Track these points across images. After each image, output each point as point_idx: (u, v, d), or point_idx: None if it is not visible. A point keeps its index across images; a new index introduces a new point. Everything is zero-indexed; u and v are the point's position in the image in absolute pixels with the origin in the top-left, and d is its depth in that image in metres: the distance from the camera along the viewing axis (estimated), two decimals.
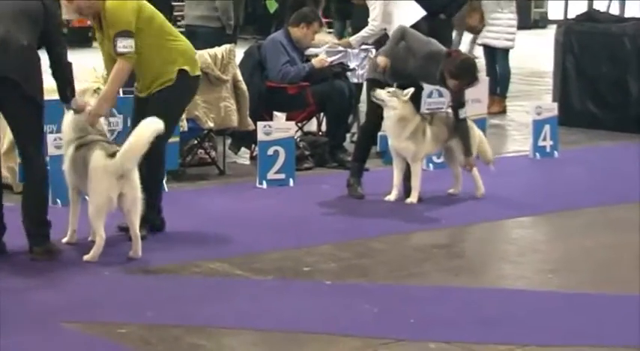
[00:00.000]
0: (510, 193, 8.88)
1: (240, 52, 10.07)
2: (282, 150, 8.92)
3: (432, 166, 9.60)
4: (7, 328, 5.43)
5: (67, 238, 6.91)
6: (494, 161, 8.79)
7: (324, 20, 10.76)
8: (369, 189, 8.66)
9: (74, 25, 19.67)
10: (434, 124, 8.48)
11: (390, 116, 8.37)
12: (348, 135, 10.75)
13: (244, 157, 10.23)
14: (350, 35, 12.38)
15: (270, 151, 8.90)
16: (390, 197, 8.48)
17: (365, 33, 10.65)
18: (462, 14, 13.05)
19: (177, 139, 8.57)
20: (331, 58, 10.44)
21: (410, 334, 5.49)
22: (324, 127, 10.44)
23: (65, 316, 5.63)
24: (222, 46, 9.38)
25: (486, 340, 5.43)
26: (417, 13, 10.63)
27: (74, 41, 6.87)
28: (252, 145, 9.88)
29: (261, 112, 9.78)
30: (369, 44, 10.85)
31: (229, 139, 10.02)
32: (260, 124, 9.01)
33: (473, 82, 8.40)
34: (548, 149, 10.57)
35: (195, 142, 9.50)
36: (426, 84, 8.93)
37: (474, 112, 10.11)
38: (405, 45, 8.41)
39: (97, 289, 6.16)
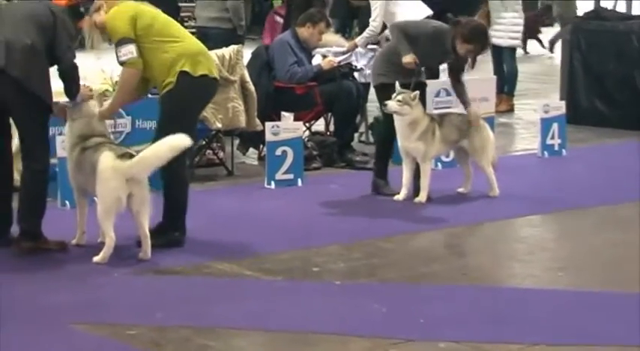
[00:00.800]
0: (519, 191, 8.87)
1: (248, 52, 10.08)
2: (290, 150, 8.92)
3: (440, 165, 9.59)
4: (17, 328, 5.44)
5: (76, 240, 6.92)
6: (497, 163, 8.76)
7: None
8: None
9: (81, 27, 19.67)
10: (443, 125, 8.49)
11: (402, 120, 8.38)
12: (355, 135, 10.76)
13: (252, 157, 10.24)
14: (357, 35, 12.40)
15: (279, 152, 8.91)
16: (399, 197, 8.48)
17: (367, 33, 10.74)
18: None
19: None
20: (338, 58, 10.45)
21: (419, 333, 5.48)
22: (332, 127, 10.45)
23: (74, 317, 5.63)
24: (229, 47, 9.39)
25: (496, 339, 5.42)
26: (421, 11, 10.63)
27: (83, 43, 6.90)
28: (261, 146, 9.89)
29: (269, 113, 9.78)
30: (375, 44, 10.86)
31: (237, 139, 10.04)
32: (268, 124, 9.02)
33: (485, 47, 8.49)
34: (556, 147, 10.56)
35: (204, 142, 9.51)
36: (432, 67, 8.91)
37: (482, 110, 10.11)
38: (408, 38, 8.42)
39: (106, 290, 6.17)
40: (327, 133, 10.47)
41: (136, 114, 8.35)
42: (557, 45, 14.65)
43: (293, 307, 5.88)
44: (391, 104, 8.36)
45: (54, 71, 6.76)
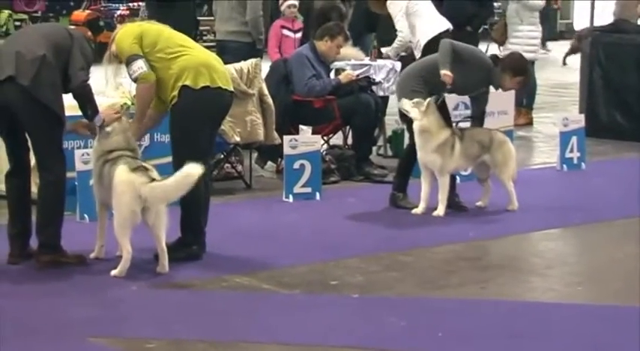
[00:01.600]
0: (538, 205, 8.84)
1: (266, 66, 10.09)
2: (308, 164, 8.92)
3: (459, 179, 9.57)
4: (35, 341, 5.45)
5: (94, 253, 6.94)
6: (515, 177, 8.74)
7: None
8: None
9: (100, 41, 19.82)
10: (464, 139, 8.47)
11: (415, 127, 8.38)
12: (374, 148, 10.75)
13: (270, 171, 10.24)
14: (374, 48, 12.39)
15: (297, 165, 8.91)
16: (417, 211, 8.47)
17: (397, 44, 10.83)
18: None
19: None
20: (357, 71, 10.45)
21: (438, 347, 5.47)
22: (350, 141, 10.44)
23: (92, 331, 5.63)
24: (248, 61, 9.40)
25: None
26: (440, 25, 10.62)
27: (100, 57, 6.94)
28: (279, 159, 9.89)
29: (288, 126, 9.79)
30: (393, 58, 10.88)
31: (256, 153, 10.05)
32: (286, 137, 9.02)
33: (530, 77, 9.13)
34: (575, 161, 10.53)
35: (222, 156, 9.52)
36: (462, 95, 8.95)
37: (500, 124, 10.10)
38: (452, 57, 8.44)
39: (124, 303, 6.17)
40: (346, 146, 10.46)
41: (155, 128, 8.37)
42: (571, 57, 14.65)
43: (311, 321, 5.88)
44: (405, 101, 8.39)
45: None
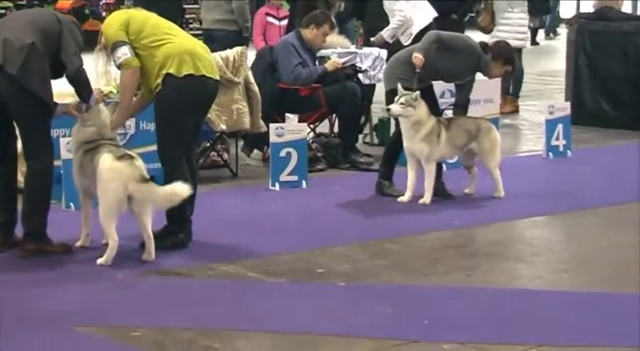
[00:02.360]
0: (524, 192, 8.86)
1: (252, 54, 10.06)
2: (294, 152, 8.92)
3: (445, 167, 9.57)
4: (21, 331, 5.43)
5: (80, 242, 6.93)
6: (500, 164, 8.75)
7: None
8: None
9: (86, 29, 19.75)
10: (451, 128, 8.48)
11: (406, 120, 8.38)
12: (360, 136, 10.74)
13: (257, 159, 10.23)
14: (361, 36, 12.39)
15: (283, 153, 8.90)
16: (404, 199, 8.47)
17: (395, 24, 10.43)
18: None
19: None
20: (342, 59, 10.44)
21: (424, 335, 5.47)
22: (336, 129, 10.44)
23: (78, 320, 5.63)
24: (233, 49, 9.39)
25: (501, 340, 5.40)
26: (429, 14, 10.61)
27: (86, 45, 6.91)
28: (265, 147, 9.88)
29: (274, 114, 9.78)
30: (379, 47, 10.84)
31: (242, 141, 10.04)
32: (272, 126, 9.01)
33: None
34: (561, 149, 10.54)
35: (208, 144, 9.51)
36: (449, 82, 8.96)
37: (486, 111, 10.11)
38: (438, 46, 8.44)
39: (110, 292, 6.16)
40: (332, 134, 10.46)
41: (140, 116, 8.32)
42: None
43: (297, 309, 5.88)
44: (394, 108, 8.35)
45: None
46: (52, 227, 6.80)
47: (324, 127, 10.64)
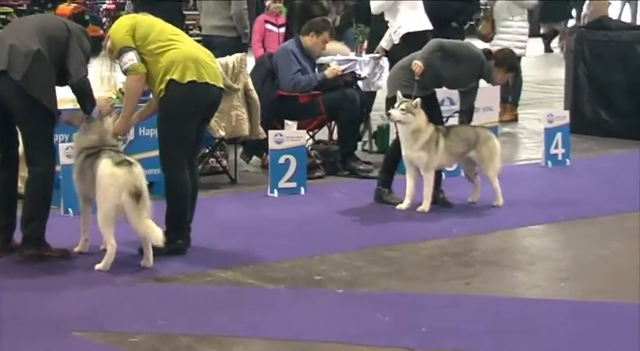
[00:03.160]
0: (522, 201, 8.86)
1: (251, 60, 10.07)
2: (293, 158, 8.92)
3: (444, 175, 9.57)
4: (19, 336, 5.43)
5: (78, 247, 6.93)
6: (500, 173, 8.76)
7: None
8: None
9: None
10: (449, 136, 8.49)
11: (405, 128, 8.38)
12: (359, 143, 10.75)
13: (256, 165, 10.23)
14: (361, 43, 12.39)
15: (282, 160, 8.91)
16: (402, 206, 8.47)
17: (390, 34, 10.58)
18: None
19: None
20: (342, 66, 10.44)
21: (421, 343, 5.47)
22: (335, 136, 10.44)
23: (77, 325, 5.63)
24: (233, 55, 9.40)
25: (498, 349, 5.41)
26: (425, 23, 10.58)
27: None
28: (264, 154, 9.89)
29: (273, 121, 9.78)
30: (380, 54, 10.86)
31: (241, 147, 10.04)
32: (271, 132, 9.02)
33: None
34: (560, 157, 10.55)
35: (207, 150, 9.51)
36: (453, 89, 8.97)
37: (485, 120, 10.12)
38: (442, 54, 8.47)
39: (108, 298, 6.16)
40: (331, 141, 10.46)
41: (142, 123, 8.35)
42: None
43: (295, 316, 5.88)
44: (395, 113, 8.36)
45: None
46: (50, 232, 6.81)
47: (323, 134, 10.64)
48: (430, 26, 10.56)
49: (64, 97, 7.08)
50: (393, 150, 8.84)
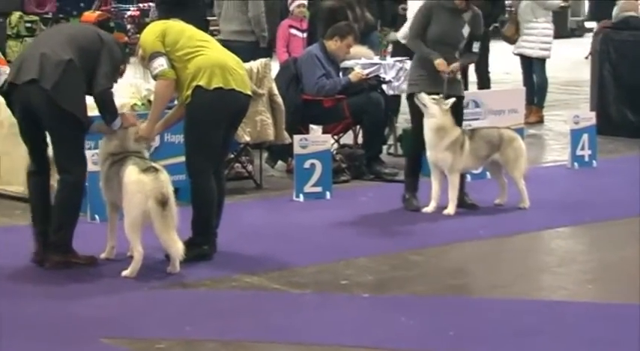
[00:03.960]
0: (549, 203, 8.83)
1: (276, 65, 10.08)
2: (318, 163, 8.92)
3: (469, 177, 9.56)
4: (47, 342, 5.46)
5: (105, 254, 6.95)
6: (526, 174, 8.73)
7: None
8: None
9: None
10: (474, 139, 8.47)
11: (429, 124, 8.36)
12: (384, 147, 10.74)
13: (281, 170, 10.25)
14: (386, 47, 12.38)
15: (307, 165, 8.91)
16: (428, 209, 8.46)
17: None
18: None
19: None
20: (366, 70, 10.44)
21: (449, 346, 5.47)
22: (360, 140, 10.44)
23: (104, 332, 5.65)
24: (257, 61, 9.41)
25: None
26: None
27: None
28: (289, 159, 9.89)
29: (298, 126, 9.79)
30: (404, 56, 10.83)
31: (266, 152, 10.05)
32: (296, 137, 9.03)
33: None
34: (586, 158, 10.51)
35: (232, 156, 9.52)
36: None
37: (511, 122, 10.09)
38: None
39: (135, 304, 6.18)
40: (356, 145, 10.46)
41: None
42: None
43: (321, 321, 5.88)
44: (424, 96, 8.33)
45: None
46: (77, 239, 6.83)
47: (348, 139, 10.63)
48: None
49: (93, 104, 7.09)
50: (412, 153, 8.78)
